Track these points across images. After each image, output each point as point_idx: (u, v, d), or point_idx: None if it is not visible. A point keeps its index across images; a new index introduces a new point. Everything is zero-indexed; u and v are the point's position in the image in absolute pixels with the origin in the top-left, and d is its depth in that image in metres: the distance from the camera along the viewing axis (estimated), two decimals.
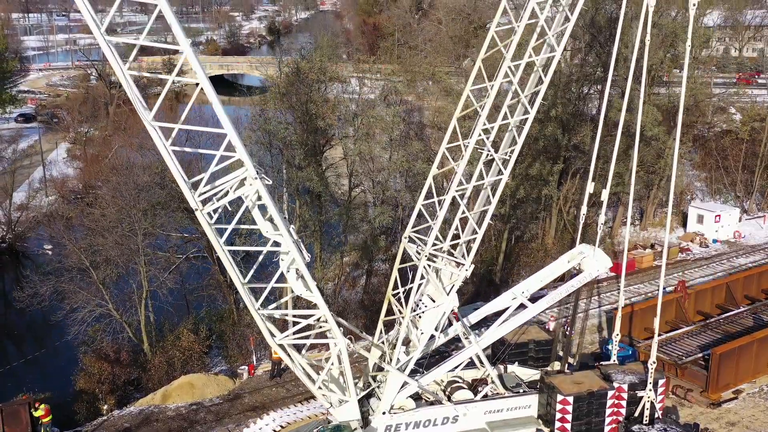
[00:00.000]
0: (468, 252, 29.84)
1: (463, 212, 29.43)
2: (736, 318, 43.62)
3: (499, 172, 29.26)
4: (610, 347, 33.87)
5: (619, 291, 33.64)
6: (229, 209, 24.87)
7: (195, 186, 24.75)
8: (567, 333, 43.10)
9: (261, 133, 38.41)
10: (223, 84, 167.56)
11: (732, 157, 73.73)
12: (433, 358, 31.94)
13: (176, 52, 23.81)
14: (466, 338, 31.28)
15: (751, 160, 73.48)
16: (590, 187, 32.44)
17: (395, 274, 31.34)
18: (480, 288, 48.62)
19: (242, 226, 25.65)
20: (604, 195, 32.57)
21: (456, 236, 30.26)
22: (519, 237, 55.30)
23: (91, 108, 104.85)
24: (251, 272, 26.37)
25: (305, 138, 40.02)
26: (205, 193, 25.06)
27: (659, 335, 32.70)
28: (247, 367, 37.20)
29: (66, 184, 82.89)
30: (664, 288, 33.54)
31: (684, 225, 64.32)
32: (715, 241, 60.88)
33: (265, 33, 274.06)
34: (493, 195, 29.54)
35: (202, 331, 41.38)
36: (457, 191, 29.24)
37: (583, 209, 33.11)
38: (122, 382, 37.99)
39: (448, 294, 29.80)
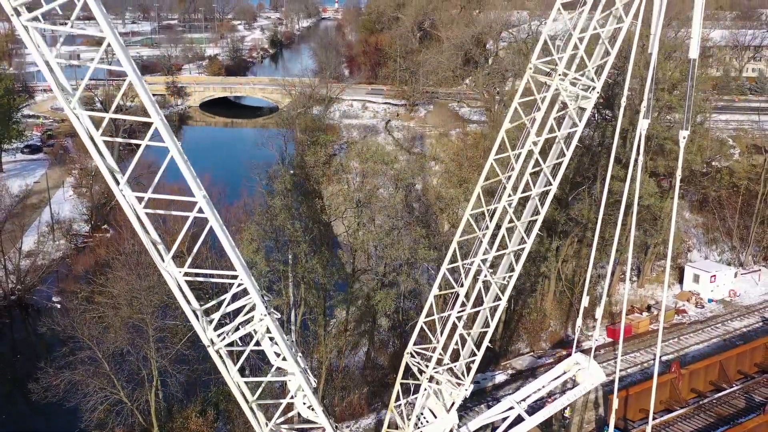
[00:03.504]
0: (468, 371, 31.12)
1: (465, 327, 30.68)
2: (729, 398, 44.83)
3: (497, 298, 30.52)
4: None
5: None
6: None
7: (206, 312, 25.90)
8: (564, 415, 44.53)
9: (268, 227, 39.65)
10: (227, 105, 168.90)
11: (729, 205, 74.75)
12: None
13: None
14: None
15: (748, 206, 74.38)
16: (585, 301, 33.57)
17: (397, 387, 32.62)
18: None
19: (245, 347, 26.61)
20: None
21: (456, 352, 31.56)
22: (517, 301, 56.51)
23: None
24: (260, 390, 27.50)
25: (310, 226, 41.29)
26: (213, 320, 26.29)
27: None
28: None
29: (72, 227, 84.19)
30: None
31: (680, 281, 65.48)
32: (710, 300, 62.05)
33: (268, 45, 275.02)
34: (492, 318, 30.82)
35: (210, 414, 42.63)
36: (457, 315, 30.57)
37: (579, 322, 34.29)
38: None
39: (448, 411, 31.12)
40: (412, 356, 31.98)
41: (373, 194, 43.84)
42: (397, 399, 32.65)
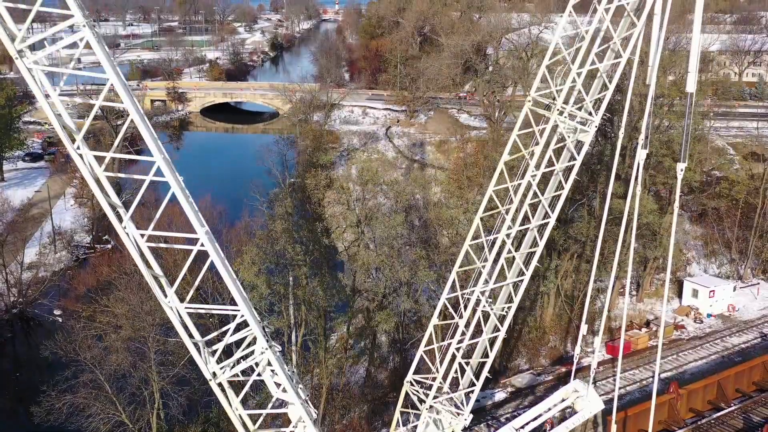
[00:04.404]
0: (467, 401, 31.42)
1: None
2: (727, 418, 45.12)
3: (495, 329, 30.81)
4: None
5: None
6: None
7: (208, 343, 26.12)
8: None
9: (269, 249, 39.94)
10: (227, 110, 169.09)
11: (728, 218, 74.98)
12: None
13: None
14: None
15: (747, 218, 74.63)
16: (584, 329, 33.83)
17: (397, 415, 32.94)
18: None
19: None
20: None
21: (456, 380, 31.88)
22: (516, 317, 56.79)
23: (95, 146, 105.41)
24: (260, 419, 27.73)
25: (311, 248, 41.59)
26: (217, 351, 26.52)
27: None
28: None
29: (74, 238, 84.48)
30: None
31: (679, 295, 65.72)
32: (709, 315, 62.32)
33: (268, 48, 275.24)
34: (491, 349, 31.10)
35: None
36: (456, 346, 30.85)
37: (577, 349, 34.53)
38: None
39: None
40: (412, 385, 32.28)
41: (373, 215, 44.10)
42: (397, 427, 32.92)
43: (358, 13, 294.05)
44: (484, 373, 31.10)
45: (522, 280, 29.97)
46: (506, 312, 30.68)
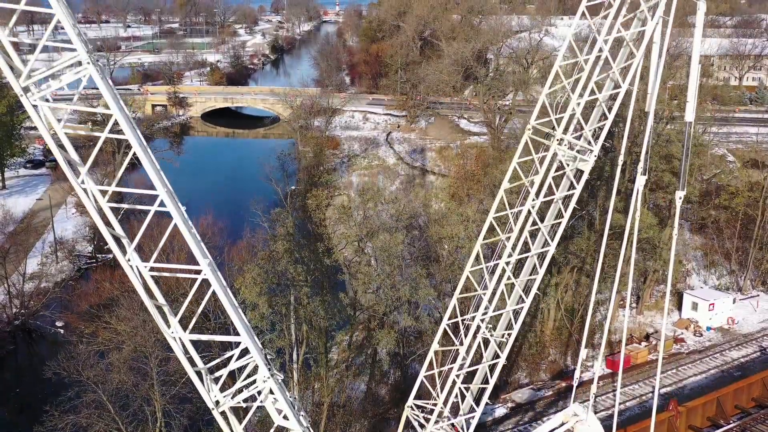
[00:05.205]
0: (468, 426, 31.65)
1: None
2: None
3: (495, 355, 31.03)
4: None
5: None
6: None
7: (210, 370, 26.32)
8: None
9: (270, 269, 40.16)
10: (228, 115, 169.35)
11: (727, 228, 75.16)
12: None
13: None
14: None
15: (747, 229, 74.80)
16: (583, 353, 34.07)
17: None
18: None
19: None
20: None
21: (457, 405, 32.12)
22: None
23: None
24: None
25: (312, 268, 41.82)
26: (220, 378, 26.71)
27: None
28: None
29: (75, 247, 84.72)
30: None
31: (679, 308, 65.92)
32: (709, 328, 62.52)
33: (269, 51, 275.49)
34: (492, 375, 31.35)
35: None
36: (457, 373, 31.11)
37: (577, 373, 34.77)
38: None
39: None
40: (413, 409, 32.54)
41: (374, 234, 44.34)
42: None
43: (359, 15, 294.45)
44: (485, 399, 31.33)
45: (522, 308, 30.22)
46: (506, 339, 30.92)
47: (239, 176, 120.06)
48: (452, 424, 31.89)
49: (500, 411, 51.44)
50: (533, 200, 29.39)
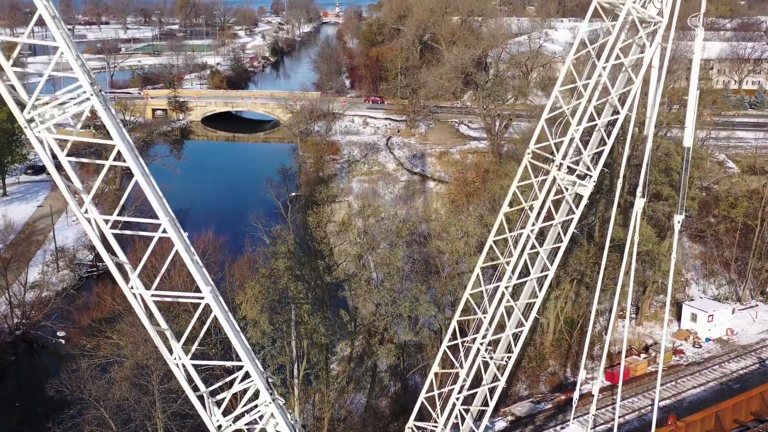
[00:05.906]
0: None
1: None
2: None
3: (495, 378, 31.24)
4: None
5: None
6: None
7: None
8: None
9: (271, 286, 40.38)
10: (228, 119, 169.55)
11: (727, 237, 75.32)
12: None
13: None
14: None
15: (746, 239, 74.97)
16: (582, 374, 34.36)
17: None
18: None
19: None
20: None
21: (457, 426, 32.33)
22: None
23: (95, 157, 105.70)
24: None
25: (313, 285, 42.05)
26: (223, 402, 26.91)
27: None
28: None
29: (76, 255, 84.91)
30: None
31: (678, 318, 66.10)
32: (708, 340, 62.69)
33: (269, 53, 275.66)
34: (491, 397, 31.56)
35: None
36: (456, 396, 31.34)
37: (576, 395, 34.99)
38: None
39: None
40: (413, 431, 32.79)
41: (374, 248, 44.55)
42: None
43: (359, 17, 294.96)
44: (485, 422, 31.55)
45: (522, 331, 30.42)
46: (506, 362, 31.13)
47: (240, 182, 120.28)
48: None
49: (500, 425, 51.64)
50: (533, 224, 29.63)
